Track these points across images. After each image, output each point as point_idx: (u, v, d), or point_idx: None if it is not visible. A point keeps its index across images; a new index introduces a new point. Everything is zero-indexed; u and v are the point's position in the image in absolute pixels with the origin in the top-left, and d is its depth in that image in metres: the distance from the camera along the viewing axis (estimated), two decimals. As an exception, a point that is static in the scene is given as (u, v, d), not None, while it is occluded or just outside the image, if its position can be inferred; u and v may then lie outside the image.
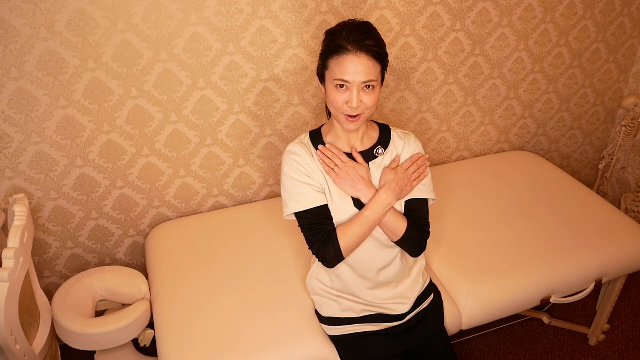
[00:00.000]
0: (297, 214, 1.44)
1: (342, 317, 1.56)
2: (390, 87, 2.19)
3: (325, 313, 1.58)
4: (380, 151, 1.48)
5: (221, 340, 1.57)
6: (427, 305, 1.64)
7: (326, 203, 1.43)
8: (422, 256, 1.63)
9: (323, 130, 1.51)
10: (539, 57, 2.41)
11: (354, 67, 1.30)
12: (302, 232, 1.46)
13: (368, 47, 1.30)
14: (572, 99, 2.63)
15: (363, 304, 1.55)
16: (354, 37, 1.30)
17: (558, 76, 2.52)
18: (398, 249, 1.52)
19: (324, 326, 1.59)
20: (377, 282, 1.53)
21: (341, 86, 1.33)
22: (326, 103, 1.41)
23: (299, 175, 1.43)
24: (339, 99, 1.34)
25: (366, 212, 1.41)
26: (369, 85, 1.33)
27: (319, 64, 1.40)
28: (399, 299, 1.56)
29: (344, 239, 1.40)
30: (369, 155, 1.48)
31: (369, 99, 1.34)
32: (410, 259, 1.58)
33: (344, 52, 1.30)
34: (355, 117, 1.36)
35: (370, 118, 1.49)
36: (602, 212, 2.10)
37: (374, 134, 1.51)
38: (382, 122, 1.58)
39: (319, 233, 1.42)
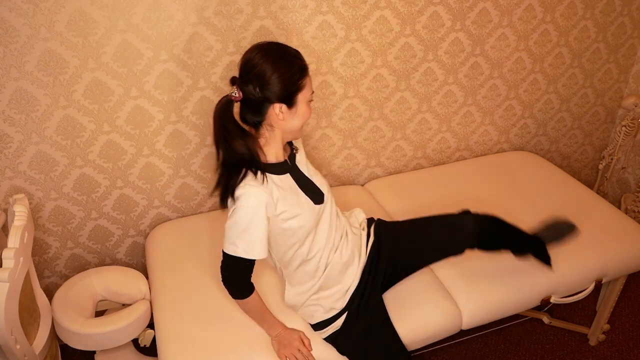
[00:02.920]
0: (240, 258, 1.44)
1: (329, 317, 1.59)
2: (390, 87, 2.20)
3: (314, 321, 1.60)
4: (295, 149, 1.62)
5: (221, 341, 1.57)
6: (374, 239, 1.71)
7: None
8: (360, 211, 1.79)
9: (260, 157, 1.46)
10: (539, 57, 2.41)
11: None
12: (231, 271, 1.48)
13: None
14: (572, 99, 2.63)
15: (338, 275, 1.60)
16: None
17: (558, 76, 2.52)
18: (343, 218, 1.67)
19: (318, 332, 1.61)
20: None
21: (310, 101, 1.47)
22: (279, 127, 1.45)
23: (263, 219, 1.43)
24: (308, 112, 1.48)
25: (262, 323, 1.58)
26: None
27: (283, 89, 1.40)
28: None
29: (244, 306, 1.55)
30: (292, 157, 1.58)
31: None
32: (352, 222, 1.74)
33: (307, 71, 1.45)
34: None
35: None
36: (602, 212, 2.10)
37: None
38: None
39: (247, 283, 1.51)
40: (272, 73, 1.39)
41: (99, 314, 1.93)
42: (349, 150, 2.28)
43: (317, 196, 1.55)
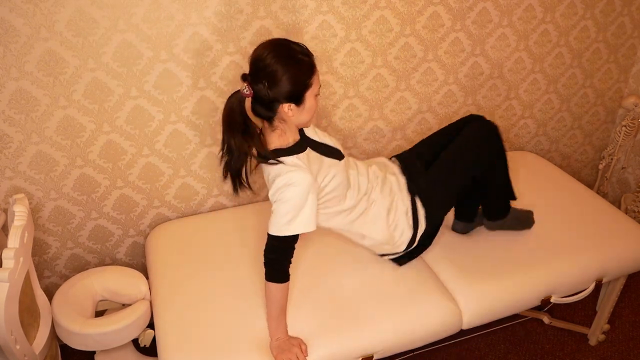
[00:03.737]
0: (292, 237, 1.54)
1: (412, 225, 1.78)
2: (390, 87, 2.20)
3: (404, 242, 1.79)
4: None
5: (221, 340, 1.57)
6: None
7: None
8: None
9: (282, 145, 1.57)
10: (539, 57, 2.41)
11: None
12: (278, 252, 1.55)
13: None
14: (572, 99, 2.63)
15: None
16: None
17: (558, 76, 2.52)
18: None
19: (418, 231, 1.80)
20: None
21: (317, 94, 1.54)
22: (290, 121, 1.53)
23: (314, 194, 1.54)
24: (315, 106, 1.55)
25: (274, 320, 1.59)
26: None
27: (292, 90, 1.47)
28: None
29: (275, 292, 1.57)
30: (301, 130, 1.65)
31: None
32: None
33: (315, 67, 1.52)
34: None
35: None
36: (602, 212, 2.10)
37: None
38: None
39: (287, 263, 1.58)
40: (283, 74, 1.44)
41: (99, 314, 1.93)
42: (349, 150, 2.28)
43: (336, 154, 1.68)
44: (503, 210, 1.94)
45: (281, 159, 1.53)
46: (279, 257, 1.55)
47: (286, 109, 1.49)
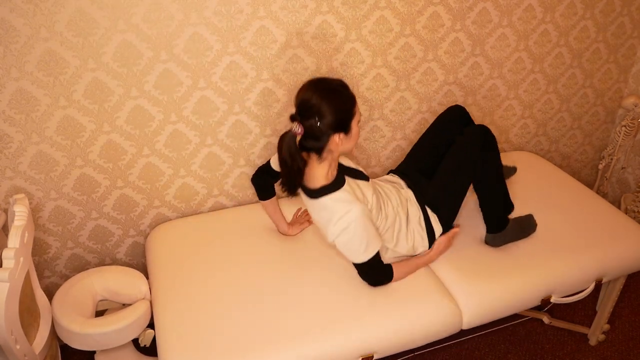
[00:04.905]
0: (376, 254, 1.69)
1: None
2: (390, 87, 2.20)
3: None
4: None
5: (221, 340, 1.57)
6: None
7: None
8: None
9: (336, 178, 1.70)
10: (539, 57, 2.41)
11: None
12: (374, 271, 1.73)
13: None
14: (572, 99, 2.63)
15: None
16: None
17: (558, 76, 2.52)
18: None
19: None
20: None
21: (358, 121, 1.67)
22: (337, 151, 1.65)
23: (370, 219, 1.70)
24: (358, 132, 1.68)
25: (422, 265, 1.85)
26: None
27: (340, 119, 1.59)
28: None
29: (397, 278, 1.78)
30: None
31: None
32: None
33: (355, 98, 1.65)
34: None
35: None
36: (602, 212, 2.10)
37: None
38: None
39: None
40: (330, 107, 1.57)
41: (99, 314, 1.93)
42: (349, 150, 2.28)
43: (363, 175, 1.81)
44: (502, 222, 1.93)
45: (330, 196, 1.66)
46: (376, 275, 1.73)
47: (337, 138, 1.61)
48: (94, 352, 1.94)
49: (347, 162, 1.82)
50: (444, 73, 2.26)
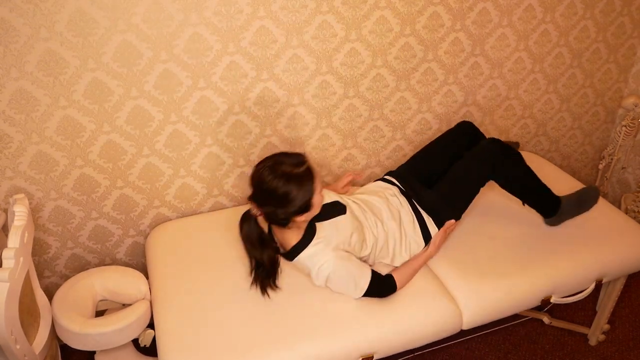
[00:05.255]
0: (370, 283, 1.67)
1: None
2: (390, 87, 2.20)
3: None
4: None
5: (221, 340, 1.57)
6: None
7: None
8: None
9: (305, 232, 1.70)
10: (539, 57, 2.41)
11: None
12: (378, 292, 1.70)
13: None
14: (572, 99, 2.63)
15: None
16: None
17: (558, 76, 2.52)
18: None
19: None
20: None
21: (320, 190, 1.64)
22: (302, 221, 1.65)
23: (346, 255, 1.69)
24: (322, 198, 1.65)
25: (422, 264, 1.82)
26: None
27: (300, 206, 1.58)
28: None
29: (401, 285, 1.75)
30: None
31: None
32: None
33: (313, 172, 1.61)
34: None
35: None
36: (602, 212, 2.10)
37: None
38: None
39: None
40: (288, 195, 1.54)
41: (99, 314, 1.93)
42: (349, 150, 2.28)
43: (338, 209, 1.76)
44: (552, 208, 1.98)
45: (302, 254, 1.66)
46: (379, 293, 1.70)
47: (298, 219, 1.61)
48: (94, 352, 1.94)
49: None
50: (444, 73, 2.26)
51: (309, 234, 1.68)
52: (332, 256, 1.64)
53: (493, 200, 2.15)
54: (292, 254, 1.69)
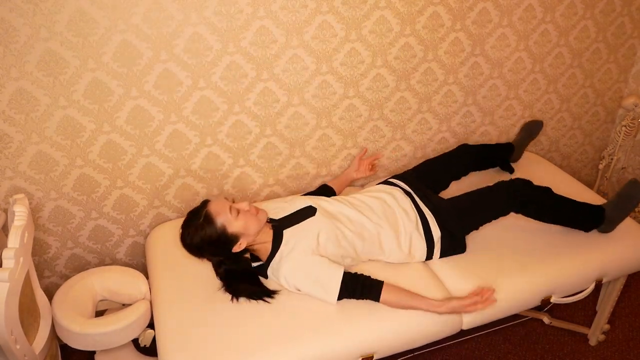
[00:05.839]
0: (341, 284, 1.65)
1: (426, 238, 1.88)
2: (390, 87, 2.20)
3: (423, 251, 1.88)
4: None
5: (221, 340, 1.57)
6: None
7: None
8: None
9: (272, 245, 1.74)
10: (539, 57, 2.41)
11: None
12: (352, 293, 1.66)
13: None
14: (572, 99, 2.63)
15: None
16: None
17: (558, 76, 2.52)
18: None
19: (437, 255, 1.89)
20: None
21: (237, 210, 1.67)
22: (247, 242, 1.69)
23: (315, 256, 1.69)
24: (249, 215, 1.68)
25: (421, 305, 1.68)
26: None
27: (220, 246, 1.67)
28: None
29: (388, 299, 1.67)
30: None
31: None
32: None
33: (211, 215, 1.66)
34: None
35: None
36: (602, 212, 2.09)
37: None
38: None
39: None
40: (207, 255, 1.70)
41: (99, 314, 1.93)
42: (349, 150, 2.28)
43: (308, 212, 1.78)
44: (594, 221, 1.96)
45: (272, 265, 1.71)
46: (354, 293, 1.66)
47: (237, 248, 1.67)
48: (94, 352, 1.94)
49: (290, 204, 1.83)
50: (444, 73, 2.26)
51: (276, 245, 1.72)
52: (294, 261, 1.67)
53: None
54: (266, 266, 1.74)
